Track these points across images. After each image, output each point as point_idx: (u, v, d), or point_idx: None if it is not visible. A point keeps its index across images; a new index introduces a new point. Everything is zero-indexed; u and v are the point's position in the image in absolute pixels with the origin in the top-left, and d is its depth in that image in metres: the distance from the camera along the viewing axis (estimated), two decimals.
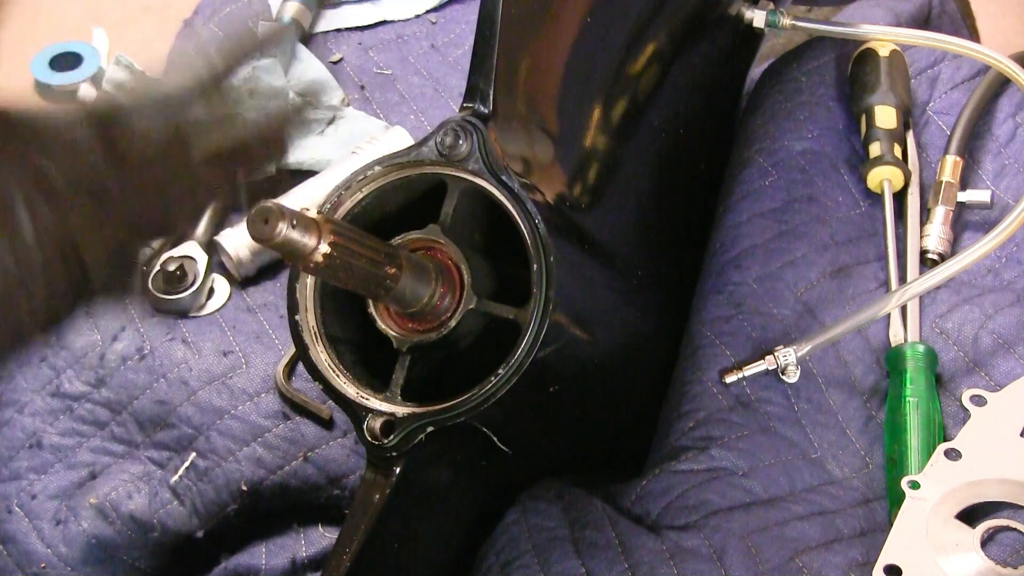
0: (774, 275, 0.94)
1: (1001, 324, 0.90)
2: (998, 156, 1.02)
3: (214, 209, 1.07)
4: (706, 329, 0.93)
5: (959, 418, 0.86)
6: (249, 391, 0.96)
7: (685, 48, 0.93)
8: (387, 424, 0.70)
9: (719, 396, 0.89)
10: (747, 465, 0.85)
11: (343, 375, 0.72)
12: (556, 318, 0.69)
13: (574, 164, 0.80)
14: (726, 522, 0.81)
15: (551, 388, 0.74)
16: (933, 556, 0.77)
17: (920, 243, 0.96)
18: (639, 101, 0.88)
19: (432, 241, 0.72)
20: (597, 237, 0.78)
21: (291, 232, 0.58)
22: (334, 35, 1.23)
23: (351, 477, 0.93)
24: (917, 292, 0.89)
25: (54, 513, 0.93)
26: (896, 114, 1.00)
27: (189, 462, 0.94)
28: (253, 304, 1.02)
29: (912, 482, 0.81)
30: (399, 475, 0.70)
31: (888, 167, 0.97)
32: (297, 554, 0.92)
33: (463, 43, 1.21)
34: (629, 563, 0.78)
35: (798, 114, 1.04)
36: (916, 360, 0.87)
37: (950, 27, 1.16)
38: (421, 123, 1.14)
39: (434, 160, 0.72)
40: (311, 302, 0.74)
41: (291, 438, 0.94)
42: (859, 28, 1.02)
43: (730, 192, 1.01)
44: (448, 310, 0.71)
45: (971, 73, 1.06)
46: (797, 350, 0.88)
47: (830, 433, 0.88)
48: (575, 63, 0.80)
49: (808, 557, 0.79)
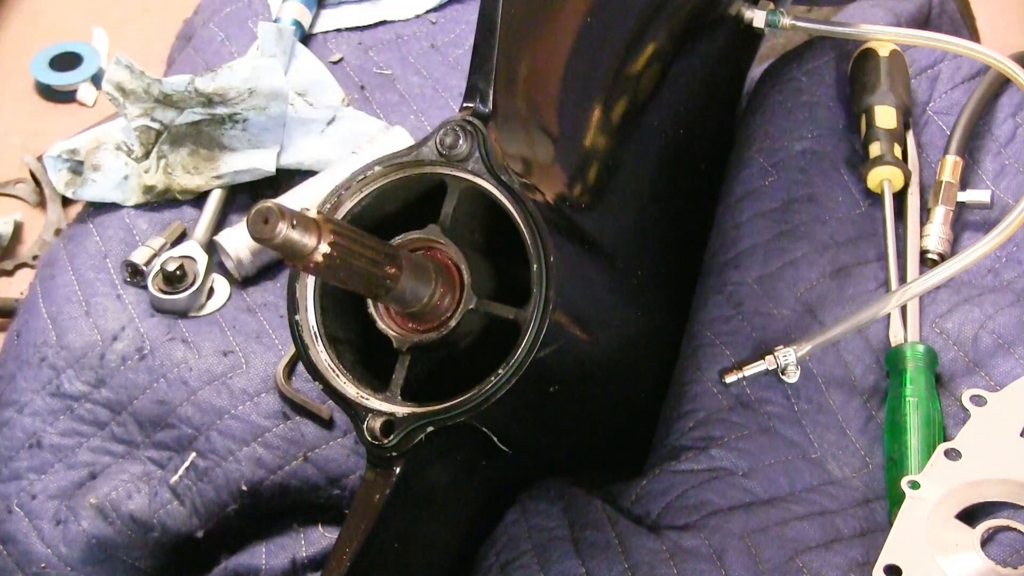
0: (774, 275, 0.94)
1: (1001, 324, 0.90)
2: (998, 156, 1.02)
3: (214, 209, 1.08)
4: (706, 329, 0.93)
5: (959, 418, 0.86)
6: (249, 391, 0.96)
7: (685, 48, 0.93)
8: (387, 424, 0.70)
9: (719, 396, 0.89)
10: (747, 465, 0.85)
11: (343, 375, 0.72)
12: (556, 318, 0.69)
13: (574, 164, 0.80)
14: (726, 522, 0.81)
15: (551, 388, 0.74)
16: (933, 556, 0.77)
17: (920, 243, 0.96)
18: (639, 101, 0.88)
19: (432, 241, 0.72)
20: (597, 237, 0.78)
21: (291, 232, 0.58)
22: (334, 35, 1.23)
23: (351, 477, 0.93)
24: (917, 292, 0.89)
25: (54, 513, 0.93)
26: (896, 114, 1.00)
27: (189, 462, 0.94)
28: (253, 304, 1.02)
29: (912, 482, 0.81)
30: (399, 475, 0.70)
31: (888, 167, 0.97)
32: (297, 554, 0.92)
33: (463, 43, 1.21)
34: (629, 563, 0.78)
35: (798, 114, 1.04)
36: (916, 360, 0.87)
37: (950, 27, 1.16)
38: (421, 123, 1.14)
39: (434, 160, 0.72)
40: (311, 302, 0.74)
41: (291, 438, 0.94)
42: (859, 28, 1.02)
43: (730, 192, 1.01)
44: (448, 310, 0.71)
45: (971, 73, 1.06)
46: (797, 350, 0.88)
47: (830, 433, 0.88)
48: (575, 63, 0.80)
49: (808, 557, 0.79)
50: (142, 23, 1.54)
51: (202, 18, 1.27)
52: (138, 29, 1.53)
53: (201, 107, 1.09)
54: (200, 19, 1.28)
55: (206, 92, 1.09)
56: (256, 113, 1.09)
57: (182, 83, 1.10)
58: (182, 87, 1.09)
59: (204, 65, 1.19)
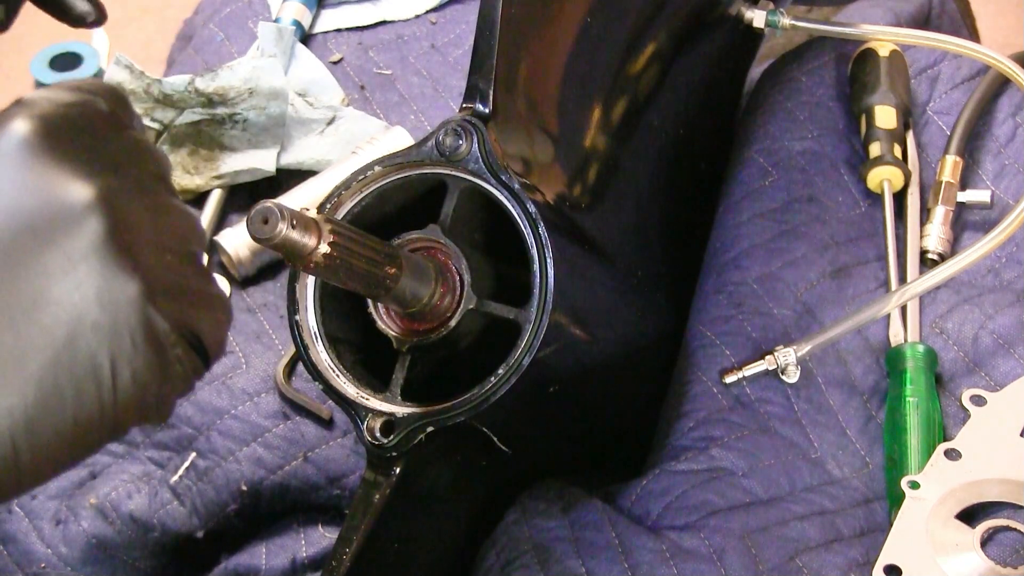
0: (774, 275, 0.94)
1: (1001, 324, 0.90)
2: (998, 156, 1.02)
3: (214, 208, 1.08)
4: (706, 329, 0.93)
5: (959, 418, 0.86)
6: (249, 391, 0.96)
7: (685, 48, 0.93)
8: (387, 424, 0.70)
9: (719, 396, 0.89)
10: (747, 465, 0.85)
11: (343, 375, 0.72)
12: (556, 318, 0.69)
13: (574, 164, 0.80)
14: (726, 522, 0.81)
15: (551, 388, 0.74)
16: (933, 556, 0.77)
17: (920, 243, 0.96)
18: (639, 101, 0.88)
19: (432, 241, 0.72)
20: (597, 237, 0.78)
21: (291, 232, 0.58)
22: (334, 35, 1.23)
23: (351, 477, 0.93)
24: (917, 292, 0.89)
25: (54, 513, 0.93)
26: (896, 114, 1.00)
27: (189, 462, 0.94)
28: (253, 304, 1.02)
29: (912, 482, 0.81)
30: (399, 475, 0.70)
31: (888, 167, 0.97)
32: (297, 554, 0.92)
33: (463, 43, 1.21)
34: (629, 563, 0.78)
35: (798, 114, 1.04)
36: (916, 360, 0.87)
37: (950, 27, 1.16)
38: (421, 123, 1.14)
39: (434, 160, 0.72)
40: (311, 302, 0.74)
41: (291, 438, 0.94)
42: (859, 28, 1.02)
43: (730, 192, 1.01)
44: (448, 310, 0.71)
45: (971, 73, 1.06)
46: (797, 350, 0.88)
47: (830, 433, 0.88)
48: (575, 63, 0.80)
49: (808, 557, 0.79)
50: (142, 23, 1.54)
51: (202, 18, 1.27)
52: (138, 29, 1.53)
53: (201, 107, 1.09)
54: (200, 19, 1.28)
55: (206, 92, 1.09)
56: (256, 113, 1.09)
57: (182, 83, 1.10)
58: (182, 87, 1.09)
59: (204, 65, 1.19)
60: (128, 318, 0.48)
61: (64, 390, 0.47)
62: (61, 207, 0.48)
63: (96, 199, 0.48)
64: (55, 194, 0.48)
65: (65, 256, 0.47)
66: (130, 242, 0.49)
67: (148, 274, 0.49)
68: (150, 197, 0.52)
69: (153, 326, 0.49)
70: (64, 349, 0.47)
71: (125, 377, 0.48)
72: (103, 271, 0.48)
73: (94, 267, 0.48)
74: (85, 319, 0.47)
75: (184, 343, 0.51)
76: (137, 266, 0.49)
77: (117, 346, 0.48)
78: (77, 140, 0.50)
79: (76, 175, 0.49)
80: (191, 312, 0.52)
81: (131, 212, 0.50)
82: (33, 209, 0.48)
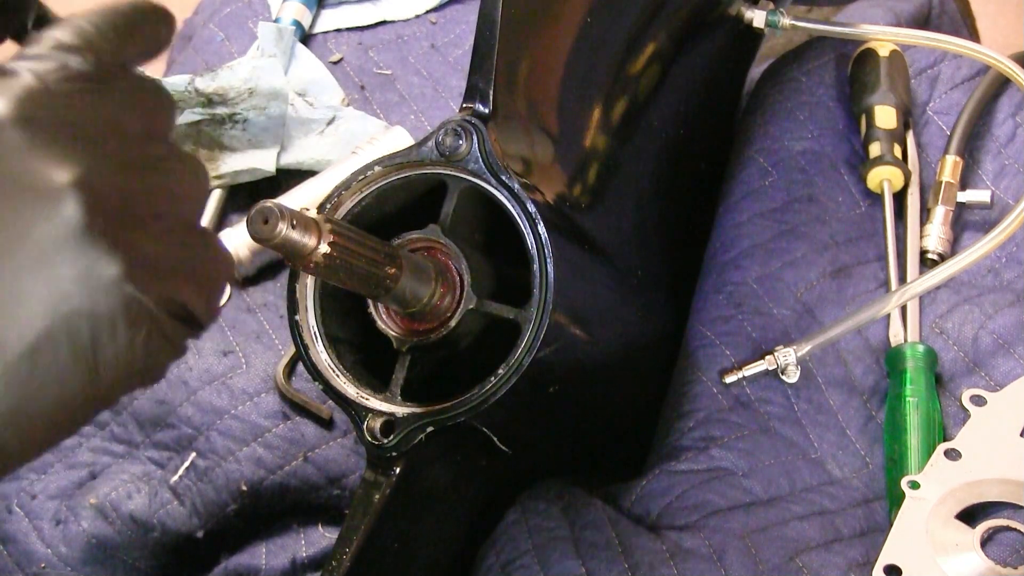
0: (774, 275, 0.94)
1: (1001, 324, 0.90)
2: (998, 156, 1.02)
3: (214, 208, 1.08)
4: (706, 329, 0.93)
5: (959, 418, 0.86)
6: (249, 391, 0.96)
7: (685, 48, 0.93)
8: (387, 424, 0.70)
9: (719, 396, 0.89)
10: (747, 465, 0.85)
11: (343, 375, 0.72)
12: (556, 318, 0.69)
13: (574, 164, 0.80)
14: (726, 522, 0.81)
15: (551, 388, 0.74)
16: (933, 556, 0.77)
17: (920, 243, 0.96)
18: (639, 101, 0.88)
19: (432, 241, 0.72)
20: (597, 237, 0.78)
21: (291, 232, 0.58)
22: (334, 35, 1.23)
23: (351, 477, 0.93)
24: (917, 292, 0.89)
25: (54, 513, 0.93)
26: (896, 114, 1.00)
27: (189, 462, 0.94)
28: (253, 304, 1.02)
29: (912, 482, 0.81)
30: (399, 475, 0.70)
31: (888, 167, 0.97)
32: (297, 554, 0.92)
33: (463, 43, 1.21)
34: (629, 563, 0.78)
35: (798, 114, 1.04)
36: (916, 360, 0.87)
37: (950, 27, 1.16)
38: (421, 123, 1.14)
39: (434, 160, 0.72)
40: (311, 302, 0.74)
41: (291, 438, 0.94)
42: (859, 28, 1.02)
43: (730, 192, 1.01)
44: (448, 310, 0.71)
45: (971, 73, 1.06)
46: (797, 350, 0.88)
47: (830, 433, 0.88)
48: (575, 63, 0.80)
49: (808, 557, 0.79)
50: None
51: (202, 18, 1.27)
52: None
53: (201, 107, 1.09)
54: (200, 19, 1.28)
55: (206, 92, 1.09)
56: (256, 113, 1.09)
57: (182, 83, 1.10)
58: (182, 87, 1.09)
59: (204, 65, 1.19)
60: (109, 301, 0.48)
61: (46, 377, 0.47)
62: (36, 196, 0.47)
63: (72, 182, 0.47)
64: (29, 184, 0.47)
65: (39, 249, 0.47)
66: (111, 220, 0.48)
67: (131, 251, 0.48)
68: (137, 163, 0.50)
69: (136, 305, 0.48)
70: (44, 340, 0.47)
71: (108, 358, 0.48)
72: (81, 256, 0.47)
73: (72, 254, 0.47)
74: (62, 308, 0.47)
75: (171, 318, 0.50)
76: (118, 244, 0.48)
77: (99, 330, 0.48)
78: (55, 115, 0.49)
79: (51, 158, 0.47)
80: (179, 284, 0.51)
81: (113, 185, 0.49)
82: (4, 203, 0.47)
